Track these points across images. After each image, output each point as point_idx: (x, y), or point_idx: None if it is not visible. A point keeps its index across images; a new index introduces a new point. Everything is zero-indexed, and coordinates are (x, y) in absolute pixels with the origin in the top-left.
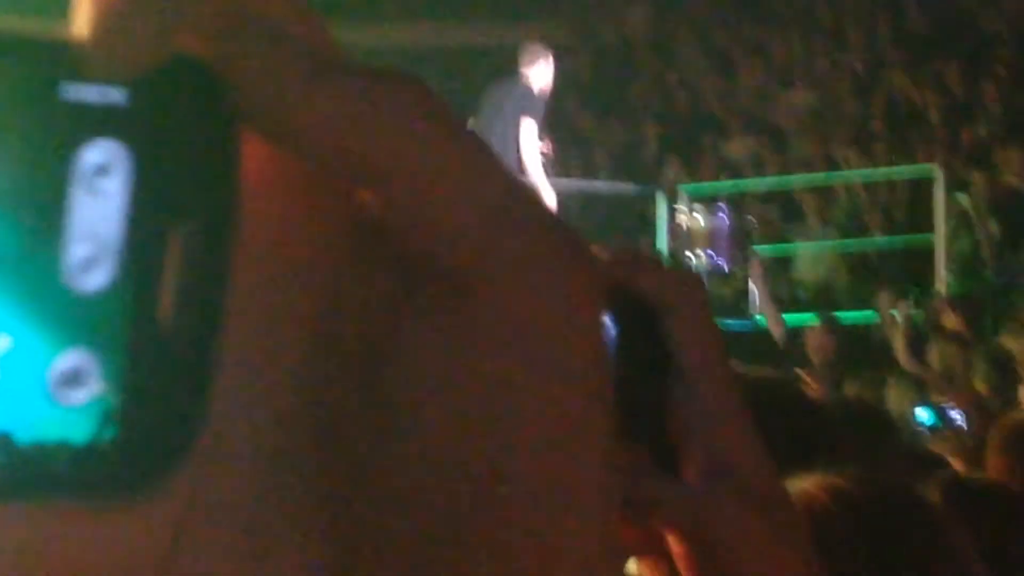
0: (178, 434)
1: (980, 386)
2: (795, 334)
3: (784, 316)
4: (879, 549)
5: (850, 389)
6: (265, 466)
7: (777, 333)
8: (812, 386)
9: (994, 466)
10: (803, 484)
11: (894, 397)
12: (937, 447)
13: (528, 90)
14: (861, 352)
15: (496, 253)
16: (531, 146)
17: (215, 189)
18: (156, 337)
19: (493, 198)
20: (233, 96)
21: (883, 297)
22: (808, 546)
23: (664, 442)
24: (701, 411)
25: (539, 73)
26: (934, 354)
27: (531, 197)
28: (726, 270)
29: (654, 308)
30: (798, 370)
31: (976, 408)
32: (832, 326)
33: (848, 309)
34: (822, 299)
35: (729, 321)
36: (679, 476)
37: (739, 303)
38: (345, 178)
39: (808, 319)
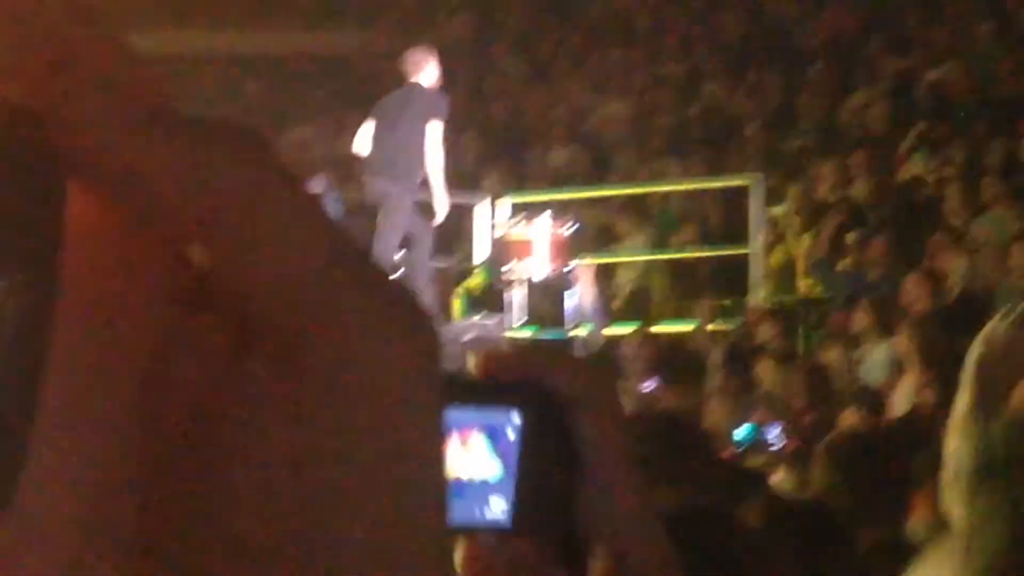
0: None
1: (797, 400)
2: (613, 344)
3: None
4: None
5: (668, 401)
6: (80, 536)
7: (597, 342)
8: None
9: (819, 481)
10: None
11: (713, 411)
12: (757, 462)
13: (430, 94)
14: (679, 363)
15: (326, 316)
16: (437, 150)
17: (37, 242)
18: None
19: (325, 258)
20: (59, 145)
21: (702, 308)
22: None
23: (572, 538)
24: (610, 513)
25: (431, 76)
26: (751, 367)
27: (365, 258)
28: (546, 279)
29: (564, 403)
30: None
31: (795, 423)
32: (649, 336)
33: (666, 319)
34: (640, 309)
35: (547, 333)
36: (584, 573)
37: (556, 313)
38: (174, 231)
39: (626, 328)
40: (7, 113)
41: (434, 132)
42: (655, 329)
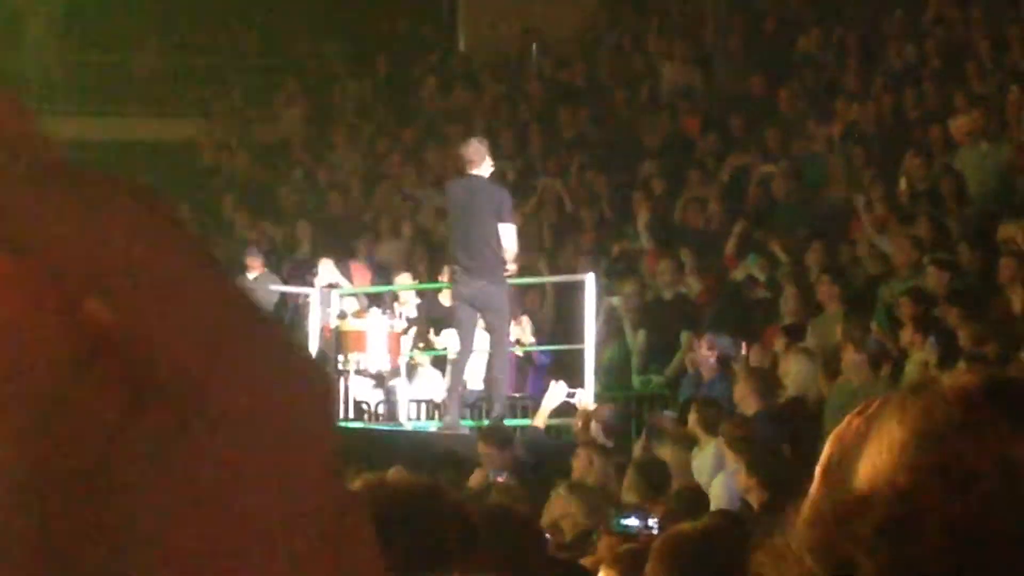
0: None
1: (630, 495)
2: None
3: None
4: None
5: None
6: None
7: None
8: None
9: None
10: None
11: (554, 505)
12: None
13: (498, 191)
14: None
15: (223, 369)
16: (513, 248)
17: None
18: None
19: (221, 313)
20: None
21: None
22: None
23: None
24: None
25: (488, 168)
26: (581, 461)
27: (258, 311)
28: (381, 373)
29: None
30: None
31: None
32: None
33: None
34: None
35: (381, 426)
36: None
37: (391, 407)
38: (71, 286)
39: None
40: None
41: (509, 234)
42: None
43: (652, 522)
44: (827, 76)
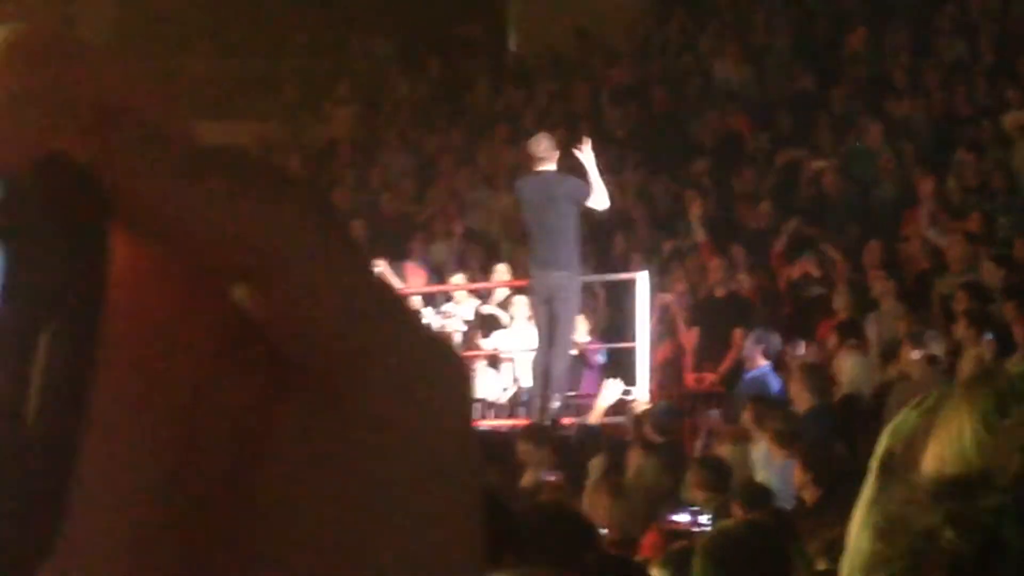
0: (38, 535)
1: (694, 492)
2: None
3: None
4: None
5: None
6: (125, 565)
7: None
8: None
9: (700, 572)
10: None
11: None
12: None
13: (570, 181)
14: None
15: (370, 360)
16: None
17: (83, 286)
18: (20, 436)
19: (374, 304)
20: (106, 192)
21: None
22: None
23: None
24: None
25: (555, 161)
26: (633, 459)
27: (405, 305)
28: None
29: None
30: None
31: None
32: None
33: None
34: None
35: None
36: None
37: None
38: (221, 273)
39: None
40: (57, 164)
41: (595, 200)
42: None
43: (704, 519)
44: (877, 72)
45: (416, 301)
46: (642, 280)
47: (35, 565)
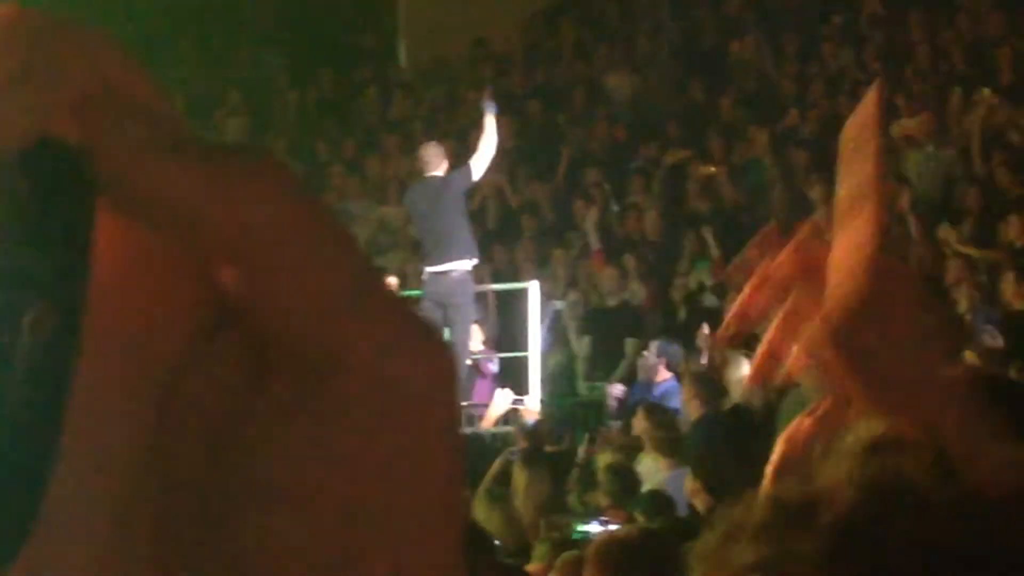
0: (21, 515)
1: (602, 500)
2: None
3: None
4: None
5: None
6: (101, 547)
7: None
8: None
9: None
10: None
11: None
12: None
13: (453, 179)
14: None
15: (354, 340)
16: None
17: (69, 269)
18: (5, 418)
19: (352, 283)
20: (93, 172)
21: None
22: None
23: None
24: None
25: (444, 167)
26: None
27: (387, 285)
28: None
29: None
30: None
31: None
32: None
33: None
34: None
35: None
36: None
37: None
38: (207, 254)
39: None
40: (46, 144)
41: (478, 164)
42: None
43: (614, 528)
44: (765, 81)
45: None
46: (533, 289)
47: (19, 543)
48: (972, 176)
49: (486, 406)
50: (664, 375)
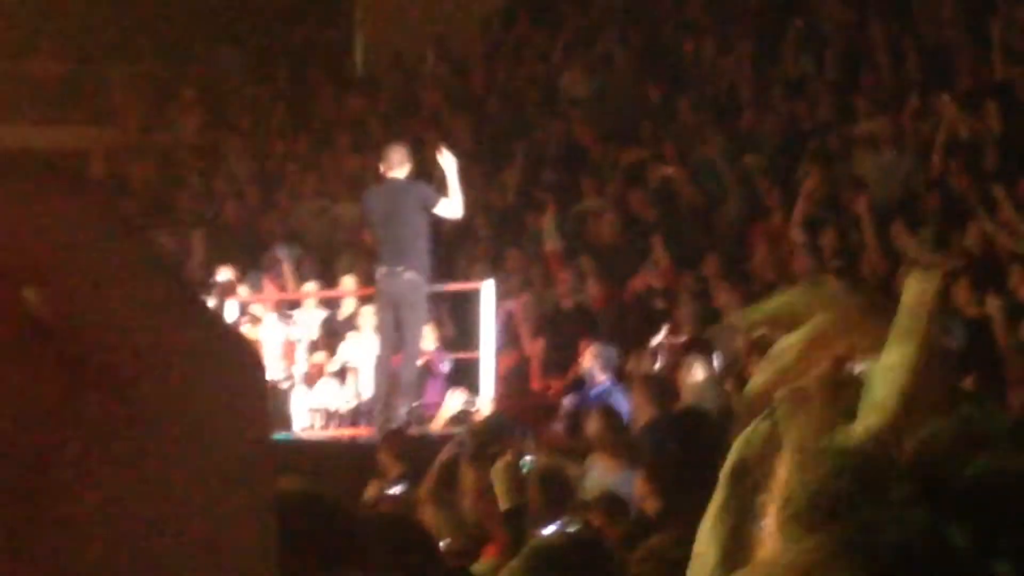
0: None
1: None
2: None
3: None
4: None
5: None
6: None
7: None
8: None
9: None
10: None
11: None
12: None
13: (419, 186)
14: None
15: (161, 354)
16: (455, 202)
17: None
18: None
19: (157, 299)
20: None
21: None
22: None
23: None
24: None
25: (406, 169)
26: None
27: (195, 297)
28: (274, 380)
29: None
30: None
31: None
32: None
33: None
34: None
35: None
36: None
37: (283, 415)
38: (10, 276)
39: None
40: None
41: (446, 205)
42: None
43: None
44: (724, 85)
45: (269, 310)
46: (487, 289)
47: None
48: (931, 182)
49: (438, 406)
50: (600, 377)
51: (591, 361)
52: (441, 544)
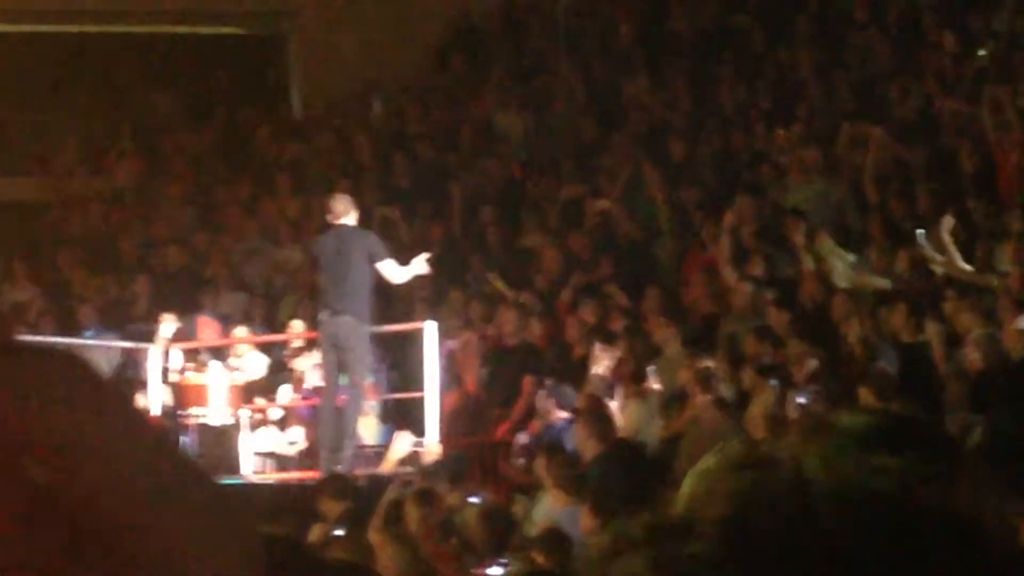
0: None
1: (477, 543)
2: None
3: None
4: None
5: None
6: None
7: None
8: None
9: None
10: None
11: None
12: None
13: (367, 235)
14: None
15: (153, 518)
16: (401, 275)
17: None
18: None
19: (152, 468)
20: None
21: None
22: None
23: None
24: None
25: (354, 217)
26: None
27: (188, 462)
28: (220, 425)
29: None
30: None
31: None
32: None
33: None
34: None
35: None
36: None
37: (230, 458)
38: (14, 449)
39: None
40: None
41: (391, 268)
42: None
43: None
44: (657, 118)
45: (207, 354)
46: (430, 329)
47: None
48: (865, 208)
49: (385, 447)
50: (559, 415)
51: (546, 399)
52: None
